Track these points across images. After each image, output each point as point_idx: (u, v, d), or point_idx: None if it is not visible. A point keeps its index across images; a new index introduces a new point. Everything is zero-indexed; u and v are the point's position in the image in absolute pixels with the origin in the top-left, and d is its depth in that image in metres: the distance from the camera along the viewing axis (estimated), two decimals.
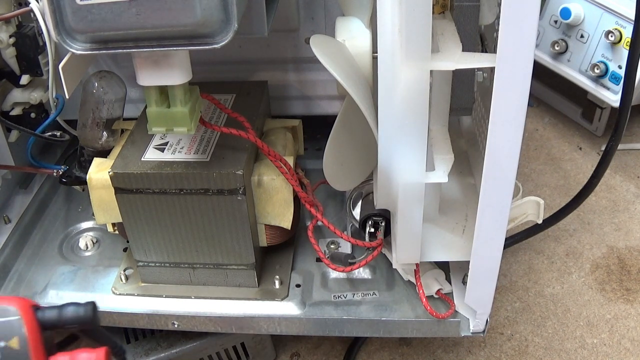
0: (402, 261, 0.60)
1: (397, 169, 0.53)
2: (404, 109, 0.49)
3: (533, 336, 0.78)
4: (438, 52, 0.49)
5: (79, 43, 0.44)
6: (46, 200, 0.80)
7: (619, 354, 0.76)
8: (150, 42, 0.44)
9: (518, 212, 0.62)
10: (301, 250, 0.70)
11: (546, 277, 0.86)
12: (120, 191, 0.59)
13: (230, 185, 0.58)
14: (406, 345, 0.78)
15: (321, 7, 0.73)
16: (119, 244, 0.72)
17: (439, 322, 0.62)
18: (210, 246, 0.62)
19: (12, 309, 0.39)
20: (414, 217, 0.55)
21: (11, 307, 0.39)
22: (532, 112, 1.16)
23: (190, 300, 0.64)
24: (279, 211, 0.63)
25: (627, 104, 0.71)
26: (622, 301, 0.82)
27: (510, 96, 0.45)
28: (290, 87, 0.79)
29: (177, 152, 0.60)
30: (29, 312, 0.39)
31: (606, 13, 0.94)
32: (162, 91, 0.51)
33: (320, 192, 0.75)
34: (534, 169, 1.04)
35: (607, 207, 0.96)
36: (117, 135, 0.67)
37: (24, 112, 0.72)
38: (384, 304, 0.64)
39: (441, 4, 0.56)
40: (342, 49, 0.53)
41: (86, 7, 0.42)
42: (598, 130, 1.09)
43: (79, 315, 0.41)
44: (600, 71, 0.95)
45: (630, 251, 0.88)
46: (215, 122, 0.64)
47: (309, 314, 0.63)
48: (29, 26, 0.66)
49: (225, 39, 0.43)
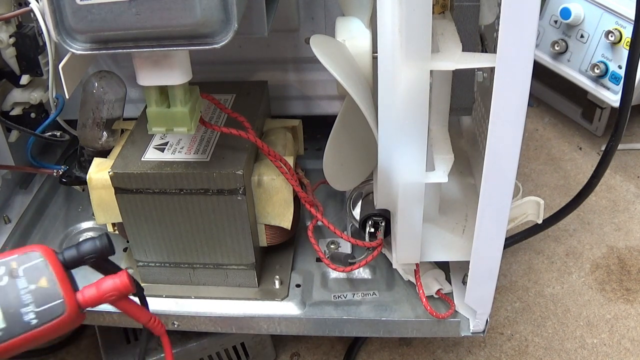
0: (402, 261, 0.60)
1: (397, 169, 0.53)
2: (404, 109, 0.49)
3: (533, 336, 0.78)
4: (438, 52, 0.49)
5: (79, 43, 0.44)
6: (46, 200, 0.80)
7: (619, 354, 0.76)
8: (150, 42, 0.44)
9: (518, 212, 0.62)
10: (301, 250, 0.70)
11: (546, 277, 0.86)
12: (120, 191, 0.59)
13: (230, 185, 0.58)
14: (406, 345, 0.78)
15: (321, 7, 0.73)
16: (119, 244, 0.72)
17: (439, 322, 0.62)
18: (210, 246, 0.62)
19: (35, 253, 0.42)
20: (414, 217, 0.55)
21: (34, 252, 0.42)
22: (532, 112, 1.16)
23: (190, 300, 0.64)
24: (279, 211, 0.63)
25: (627, 104, 0.71)
26: (622, 301, 0.82)
27: (510, 96, 0.45)
28: (290, 87, 0.79)
29: (177, 152, 0.60)
30: (51, 253, 0.42)
31: (606, 13, 0.94)
32: (162, 91, 0.51)
33: (320, 192, 0.75)
34: (534, 169, 1.04)
35: (607, 207, 0.96)
36: (117, 135, 0.67)
37: (24, 112, 0.72)
38: (384, 304, 0.64)
39: (441, 4, 0.56)
40: (342, 49, 0.53)
41: (86, 7, 0.42)
42: (598, 130, 1.09)
43: (95, 246, 0.44)
44: (600, 71, 0.95)
45: (630, 251, 0.88)
46: (215, 122, 0.64)
47: (309, 314, 0.63)
48: (29, 26, 0.66)
49: (225, 39, 0.43)
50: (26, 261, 0.42)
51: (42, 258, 0.42)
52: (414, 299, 0.63)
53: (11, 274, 0.41)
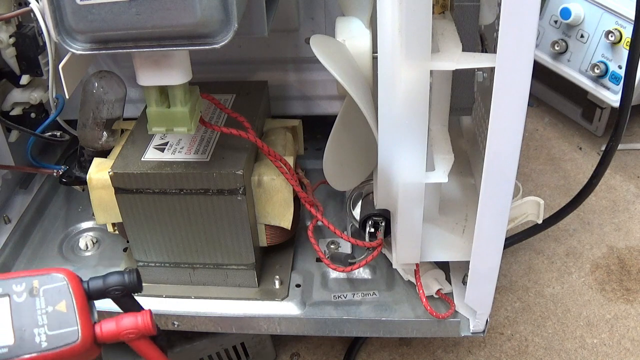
0: (402, 261, 0.60)
1: (397, 169, 0.53)
2: (404, 109, 0.49)
3: (533, 336, 0.78)
4: (438, 52, 0.49)
5: (79, 43, 0.44)
6: (46, 200, 0.80)
7: (619, 354, 0.76)
8: (150, 42, 0.44)
9: (518, 212, 0.62)
10: (301, 250, 0.70)
11: (546, 277, 0.86)
12: (120, 191, 0.59)
13: (230, 185, 0.58)
14: (406, 345, 0.78)
15: (321, 7, 0.73)
16: (119, 244, 0.72)
17: (439, 322, 0.62)
18: (210, 246, 0.62)
19: (59, 275, 0.41)
20: (414, 217, 0.55)
21: (58, 274, 0.41)
22: (532, 112, 1.16)
23: (190, 300, 0.64)
24: (279, 211, 0.63)
25: (627, 104, 0.71)
26: (622, 301, 0.82)
27: (510, 96, 0.45)
28: (290, 87, 0.79)
29: (177, 152, 0.60)
30: (76, 279, 0.42)
31: (606, 13, 0.94)
32: (162, 91, 0.51)
33: (320, 192, 0.75)
34: (534, 169, 1.04)
35: (607, 207, 0.96)
36: (117, 135, 0.67)
37: (24, 112, 0.72)
38: (384, 304, 0.64)
39: (441, 4, 0.56)
40: (342, 49, 0.53)
41: (86, 7, 0.42)
42: (598, 130, 1.09)
43: (123, 280, 0.43)
44: (600, 71, 0.95)
45: (630, 251, 0.88)
46: (215, 122, 0.64)
47: (309, 314, 0.63)
48: (29, 26, 0.66)
49: (225, 39, 0.43)
50: (48, 282, 0.41)
51: (66, 282, 0.41)
52: (414, 299, 0.63)
53: (31, 292, 0.40)
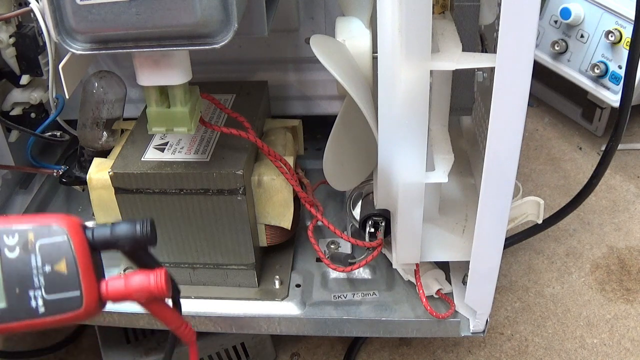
0: (402, 261, 0.60)
1: (397, 169, 0.53)
2: (404, 109, 0.49)
3: (533, 336, 0.78)
4: (438, 52, 0.49)
5: (79, 43, 0.44)
6: (46, 200, 0.80)
7: (619, 354, 0.76)
8: (150, 42, 0.44)
9: (518, 212, 0.62)
10: (301, 250, 0.70)
11: (546, 277, 0.86)
12: (120, 191, 0.59)
13: (230, 185, 0.58)
14: (406, 345, 0.78)
15: (321, 7, 0.73)
16: None
17: (439, 322, 0.62)
18: (210, 246, 0.62)
19: (59, 228, 0.34)
20: (414, 217, 0.55)
21: (58, 226, 0.34)
22: (532, 112, 1.16)
23: (190, 300, 0.64)
24: (279, 211, 0.63)
25: (627, 104, 0.71)
26: (622, 301, 0.82)
27: (510, 96, 0.45)
28: (290, 87, 0.79)
29: (177, 152, 0.60)
30: (78, 229, 0.35)
31: (606, 13, 0.94)
32: (162, 91, 0.51)
33: (320, 192, 0.75)
34: (534, 169, 1.04)
35: (607, 207, 0.96)
36: (117, 135, 0.67)
37: (24, 112, 0.72)
38: (384, 304, 0.64)
39: (441, 4, 0.56)
40: (342, 49, 0.53)
41: (86, 7, 0.42)
42: (598, 130, 1.09)
43: (134, 231, 0.36)
44: (600, 71, 0.95)
45: (630, 251, 0.88)
46: (215, 122, 0.64)
47: (309, 314, 0.63)
48: (29, 26, 0.66)
49: (225, 39, 0.43)
50: (46, 235, 0.34)
51: (66, 236, 0.34)
52: (414, 299, 0.63)
53: (25, 247, 0.34)
